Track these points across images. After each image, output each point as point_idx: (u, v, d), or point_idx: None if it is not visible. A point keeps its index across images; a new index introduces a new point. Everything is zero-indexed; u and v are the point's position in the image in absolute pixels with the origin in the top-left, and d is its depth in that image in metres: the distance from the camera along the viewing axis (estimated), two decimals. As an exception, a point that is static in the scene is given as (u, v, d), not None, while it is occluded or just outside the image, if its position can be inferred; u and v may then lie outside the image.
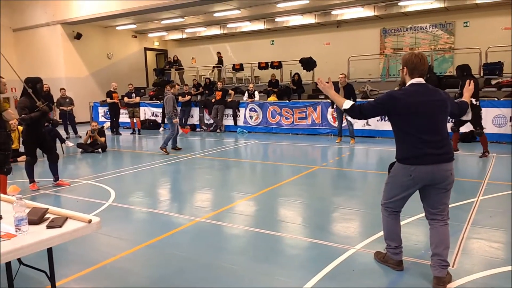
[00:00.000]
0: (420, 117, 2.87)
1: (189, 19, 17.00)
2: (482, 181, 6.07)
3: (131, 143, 12.05)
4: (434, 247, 3.03)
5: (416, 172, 2.90)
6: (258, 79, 17.61)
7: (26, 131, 6.13)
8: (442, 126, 2.96)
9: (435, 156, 2.87)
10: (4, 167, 5.34)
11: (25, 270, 2.96)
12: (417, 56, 2.97)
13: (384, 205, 3.25)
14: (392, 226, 3.25)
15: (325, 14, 15.94)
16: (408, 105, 2.88)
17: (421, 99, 2.89)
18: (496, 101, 9.81)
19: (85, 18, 16.11)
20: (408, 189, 3.03)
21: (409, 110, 2.88)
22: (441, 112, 2.95)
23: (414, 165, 2.90)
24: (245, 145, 10.90)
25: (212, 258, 3.62)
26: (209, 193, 6.13)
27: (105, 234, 4.20)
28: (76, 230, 2.42)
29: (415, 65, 2.95)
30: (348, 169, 7.65)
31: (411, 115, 2.88)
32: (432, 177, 2.90)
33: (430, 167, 2.87)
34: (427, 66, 3.03)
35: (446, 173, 2.91)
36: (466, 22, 14.61)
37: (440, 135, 2.92)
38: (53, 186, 6.47)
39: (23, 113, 5.84)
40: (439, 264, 2.98)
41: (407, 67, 2.98)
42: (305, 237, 4.11)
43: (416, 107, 2.87)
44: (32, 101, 5.84)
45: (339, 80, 9.96)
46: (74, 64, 17.59)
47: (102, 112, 16.19)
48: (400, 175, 3.01)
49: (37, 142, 6.21)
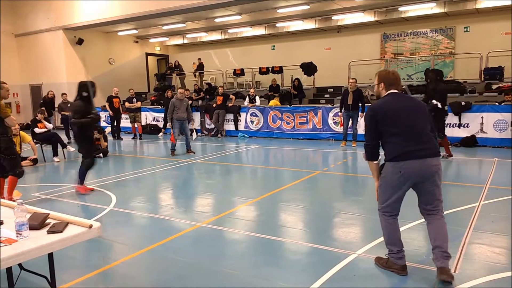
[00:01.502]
0: (401, 118, 3.12)
1: (190, 24, 17.07)
2: (484, 186, 6.06)
3: (132, 148, 12.06)
4: (433, 240, 3.15)
5: (405, 168, 3.06)
6: (259, 84, 17.64)
7: (79, 134, 6.24)
8: (423, 125, 3.15)
9: (421, 151, 3.06)
10: (16, 170, 5.38)
11: (26, 276, 2.95)
12: (393, 73, 3.31)
13: (381, 210, 3.29)
14: (391, 230, 3.26)
15: (325, 20, 15.99)
16: (387, 109, 3.17)
17: (398, 103, 3.18)
18: (497, 106, 9.82)
19: (87, 23, 16.18)
20: (399, 187, 3.13)
21: (389, 113, 3.15)
22: (418, 113, 3.18)
23: (403, 161, 3.06)
24: (246, 149, 10.90)
25: (213, 263, 3.61)
26: (210, 198, 6.13)
27: (106, 239, 4.20)
28: (77, 235, 2.42)
29: (392, 80, 3.26)
30: (349, 174, 7.64)
31: (392, 117, 3.13)
32: (420, 172, 3.06)
33: (418, 161, 3.04)
34: (400, 81, 3.35)
35: (434, 168, 3.07)
36: (467, 27, 14.64)
37: (422, 133, 3.12)
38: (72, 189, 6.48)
39: (75, 117, 6.04)
40: (441, 255, 3.09)
41: (385, 82, 3.27)
42: (306, 242, 4.10)
43: (395, 109, 3.15)
44: (87, 105, 6.07)
45: (350, 85, 10.12)
46: (75, 69, 17.63)
47: (104, 117, 16.21)
48: (390, 174, 3.14)
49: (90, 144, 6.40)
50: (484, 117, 9.80)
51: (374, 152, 3.26)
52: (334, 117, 11.64)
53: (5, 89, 5.28)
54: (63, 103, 12.99)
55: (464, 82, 12.35)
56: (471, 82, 12.37)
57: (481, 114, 9.85)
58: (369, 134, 3.25)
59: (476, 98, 11.12)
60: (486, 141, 9.76)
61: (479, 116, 9.85)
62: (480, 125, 9.84)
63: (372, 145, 3.25)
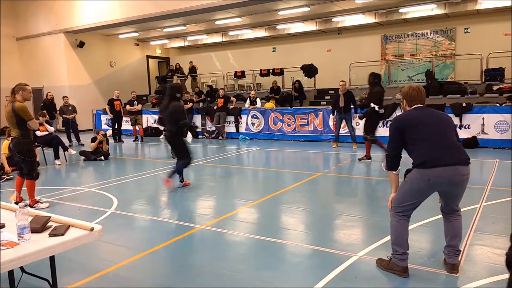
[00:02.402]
0: (428, 126, 3.10)
1: (191, 27, 17.11)
2: (485, 187, 6.05)
3: (134, 150, 12.08)
4: (449, 239, 3.27)
5: (434, 176, 3.01)
6: (260, 86, 17.66)
7: (173, 137, 6.46)
8: (451, 134, 3.13)
9: (450, 159, 3.01)
10: (32, 173, 5.48)
11: (27, 279, 2.96)
12: (414, 89, 3.26)
13: (394, 210, 3.28)
14: (401, 231, 3.25)
15: (326, 21, 16.01)
16: (410, 118, 3.17)
17: (422, 114, 3.18)
18: (498, 107, 9.81)
19: (88, 26, 16.23)
20: (423, 194, 3.13)
21: (414, 122, 3.13)
22: (443, 122, 3.16)
23: (433, 168, 3.00)
24: (247, 152, 10.91)
25: (214, 265, 3.61)
26: (211, 200, 6.13)
27: (107, 242, 4.20)
28: (78, 238, 2.42)
29: (412, 97, 3.24)
30: (350, 176, 7.64)
31: (418, 125, 3.11)
32: (449, 180, 3.02)
33: (448, 169, 2.99)
34: (424, 96, 3.29)
35: (463, 177, 3.05)
36: (467, 28, 14.65)
37: (450, 141, 3.09)
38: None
39: (183, 117, 6.31)
40: (454, 253, 3.26)
41: (406, 99, 3.28)
42: (307, 244, 4.10)
43: (419, 118, 3.14)
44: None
45: (340, 87, 10.02)
46: (77, 72, 17.70)
47: (105, 119, 16.25)
48: (417, 180, 3.09)
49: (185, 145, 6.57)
50: (485, 118, 9.79)
51: (394, 162, 3.25)
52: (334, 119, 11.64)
53: (27, 91, 5.36)
54: (64, 106, 13.01)
55: (465, 83, 12.35)
56: (471, 83, 12.37)
57: (482, 115, 9.84)
58: (392, 144, 3.24)
59: (477, 99, 11.12)
60: (487, 142, 9.76)
61: (480, 117, 9.84)
62: (481, 126, 9.83)
63: (393, 155, 3.24)
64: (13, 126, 5.32)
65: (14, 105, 5.21)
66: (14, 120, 5.25)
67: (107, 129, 15.32)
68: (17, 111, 5.20)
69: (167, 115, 6.36)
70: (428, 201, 3.24)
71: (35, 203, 5.61)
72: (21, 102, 5.25)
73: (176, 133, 6.36)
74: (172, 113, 6.23)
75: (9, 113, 5.28)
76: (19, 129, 5.30)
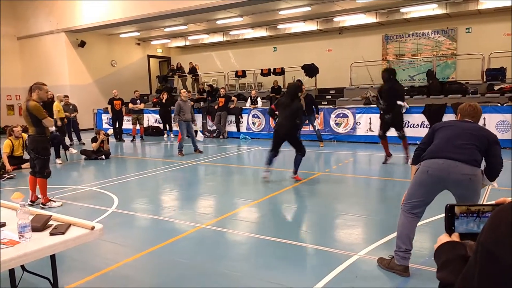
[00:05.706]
0: (451, 130, 3.19)
1: (192, 26, 17.10)
2: (486, 187, 6.03)
3: (134, 149, 12.08)
4: None
5: (433, 167, 3.05)
6: (261, 85, 17.64)
7: (290, 132, 6.74)
8: (467, 139, 3.08)
9: (454, 154, 3.02)
10: (44, 171, 5.48)
11: (28, 277, 2.96)
12: (471, 106, 3.38)
13: (403, 206, 3.31)
14: (407, 227, 3.24)
15: (327, 21, 16.00)
16: (450, 123, 3.37)
17: (458, 123, 3.30)
18: (499, 107, 9.79)
19: (89, 26, 16.23)
20: (427, 188, 3.13)
21: (449, 125, 3.30)
22: (469, 132, 3.13)
23: (432, 159, 3.08)
24: (248, 151, 10.90)
25: (215, 264, 3.61)
26: (212, 199, 6.13)
27: (108, 241, 4.21)
28: (79, 237, 2.42)
29: (466, 112, 3.34)
30: (351, 175, 7.63)
31: (448, 128, 3.23)
32: (447, 174, 3.01)
33: (447, 162, 3.01)
34: (479, 115, 3.40)
35: (463, 176, 3.00)
36: (468, 28, 14.62)
37: (462, 143, 3.06)
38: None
39: (301, 116, 6.75)
40: None
41: (461, 113, 3.39)
42: (308, 244, 4.10)
43: (451, 124, 3.30)
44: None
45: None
46: (78, 71, 17.71)
47: (106, 119, 16.26)
48: (419, 173, 3.18)
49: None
50: (486, 118, 9.77)
51: (418, 156, 3.34)
52: (335, 119, 11.65)
53: (44, 91, 5.39)
54: (65, 105, 13.00)
55: (466, 83, 12.32)
56: (473, 83, 12.34)
57: (483, 115, 9.75)
58: (423, 139, 3.38)
59: (478, 99, 11.08)
60: (488, 142, 9.71)
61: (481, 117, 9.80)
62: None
63: (420, 149, 3.34)
64: (30, 125, 5.37)
65: (29, 104, 5.25)
66: (29, 118, 5.30)
67: (107, 128, 15.34)
68: (31, 110, 5.23)
69: (288, 112, 6.56)
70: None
71: (47, 202, 5.61)
72: (36, 101, 5.28)
73: (292, 128, 6.67)
74: (297, 110, 6.55)
75: (24, 111, 5.34)
76: (35, 127, 5.35)
